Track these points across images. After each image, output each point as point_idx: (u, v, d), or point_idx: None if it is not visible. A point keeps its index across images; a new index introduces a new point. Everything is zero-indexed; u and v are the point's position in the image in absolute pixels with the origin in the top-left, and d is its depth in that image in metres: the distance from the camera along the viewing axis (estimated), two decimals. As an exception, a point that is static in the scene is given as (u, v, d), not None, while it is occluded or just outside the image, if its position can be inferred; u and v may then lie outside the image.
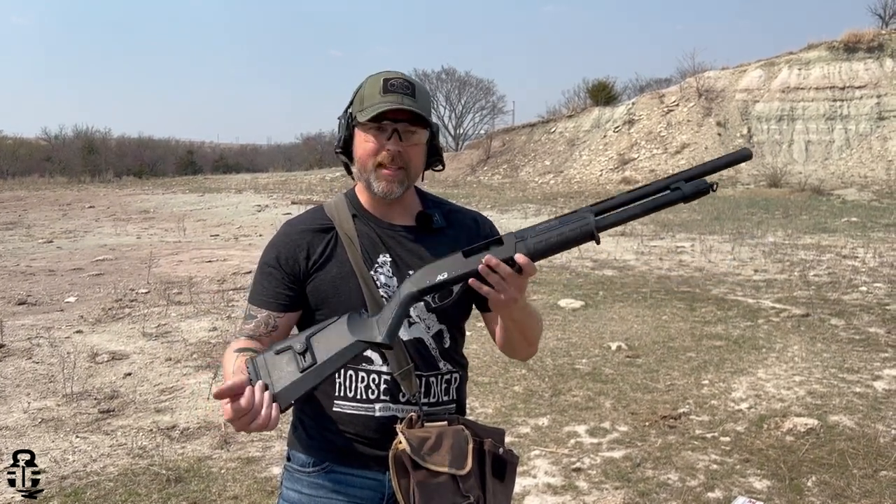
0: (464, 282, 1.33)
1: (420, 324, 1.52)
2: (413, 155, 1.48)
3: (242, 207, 19.85)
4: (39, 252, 12.01)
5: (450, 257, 1.34)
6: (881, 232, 12.43)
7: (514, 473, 1.47)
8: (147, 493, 3.39)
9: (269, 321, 1.50)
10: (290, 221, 1.60)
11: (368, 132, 1.45)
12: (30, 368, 5.37)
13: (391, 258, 1.51)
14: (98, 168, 36.83)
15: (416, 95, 1.46)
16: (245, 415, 1.19)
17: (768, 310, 6.99)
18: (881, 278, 8.36)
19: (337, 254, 1.51)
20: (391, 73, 1.47)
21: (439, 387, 1.52)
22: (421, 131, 1.47)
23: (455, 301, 1.51)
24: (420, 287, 1.33)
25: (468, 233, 1.59)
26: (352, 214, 1.54)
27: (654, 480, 3.51)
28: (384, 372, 1.47)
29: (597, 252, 10.77)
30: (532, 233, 1.31)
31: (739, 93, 25.32)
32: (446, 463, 1.36)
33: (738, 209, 16.03)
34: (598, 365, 5.35)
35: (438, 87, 46.25)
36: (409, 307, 1.34)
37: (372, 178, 1.47)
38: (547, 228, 1.31)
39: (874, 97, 23.10)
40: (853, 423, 4.20)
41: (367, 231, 1.53)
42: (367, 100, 1.45)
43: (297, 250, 1.51)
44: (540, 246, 1.30)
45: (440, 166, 1.61)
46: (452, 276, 1.32)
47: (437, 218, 1.56)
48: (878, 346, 5.71)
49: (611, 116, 28.42)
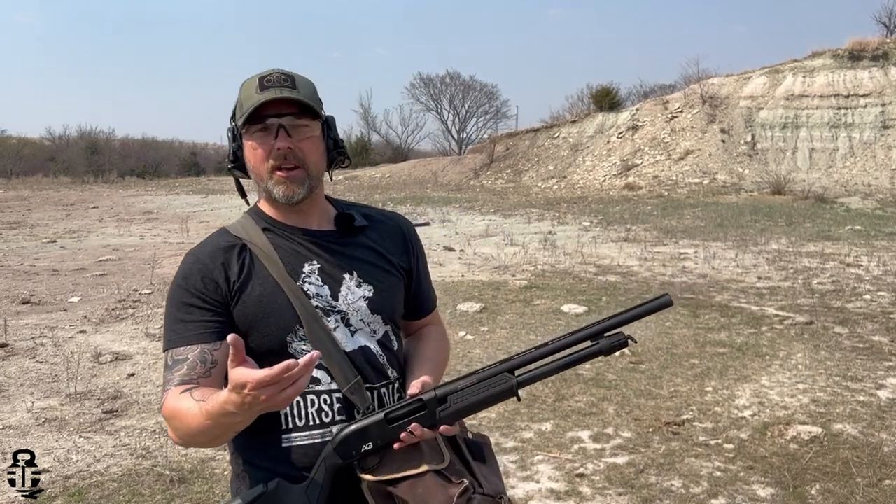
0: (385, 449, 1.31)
1: (364, 329, 1.42)
2: (307, 149, 1.36)
3: (245, 209, 19.86)
4: (43, 252, 12.03)
5: (372, 421, 1.29)
6: (885, 240, 12.41)
7: (492, 453, 1.42)
8: (151, 494, 3.39)
9: (206, 357, 1.31)
10: (193, 249, 1.43)
11: (254, 137, 1.34)
12: (33, 368, 5.38)
13: (319, 265, 1.40)
14: (101, 168, 36.96)
15: (298, 87, 1.35)
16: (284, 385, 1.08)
17: (772, 317, 6.98)
18: (885, 287, 8.35)
19: (256, 270, 1.37)
20: (266, 70, 1.37)
21: (392, 396, 1.42)
22: (311, 123, 1.36)
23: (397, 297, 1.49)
24: (345, 459, 1.29)
25: (394, 238, 1.52)
26: (263, 228, 1.42)
27: (658, 487, 3.51)
28: (334, 390, 1.35)
29: (600, 258, 10.77)
30: (456, 397, 1.30)
31: (743, 100, 25.32)
32: (424, 461, 1.28)
33: (742, 216, 16.02)
34: (602, 370, 5.34)
35: (442, 90, 46.40)
36: (333, 477, 1.29)
37: (270, 185, 1.36)
38: (469, 392, 1.30)
39: (878, 105, 23.08)
40: (857, 431, 4.19)
41: (284, 242, 1.41)
42: (245, 103, 1.34)
43: (213, 273, 1.36)
44: (461, 412, 1.31)
45: (346, 161, 1.47)
46: (378, 446, 1.29)
47: (358, 217, 1.47)
48: (882, 355, 5.70)
49: (614, 122, 28.42)
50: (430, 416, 1.29)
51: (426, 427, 1.28)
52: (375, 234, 1.49)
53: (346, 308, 1.40)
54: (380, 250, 1.48)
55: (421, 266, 1.58)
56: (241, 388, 1.07)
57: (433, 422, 1.29)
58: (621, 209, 18.48)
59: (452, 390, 1.31)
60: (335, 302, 1.40)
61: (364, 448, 1.29)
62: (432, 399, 1.30)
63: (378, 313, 1.43)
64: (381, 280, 1.45)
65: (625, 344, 1.29)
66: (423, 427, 1.27)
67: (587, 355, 1.30)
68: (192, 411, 1.21)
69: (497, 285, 8.54)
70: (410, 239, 1.56)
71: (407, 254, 1.54)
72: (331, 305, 1.39)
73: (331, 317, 1.38)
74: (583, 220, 16.42)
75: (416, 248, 1.56)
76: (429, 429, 1.28)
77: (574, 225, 15.53)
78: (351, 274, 1.42)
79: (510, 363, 1.31)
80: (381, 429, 1.29)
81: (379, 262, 1.47)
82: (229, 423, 1.17)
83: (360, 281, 1.43)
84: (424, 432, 1.27)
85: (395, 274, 1.49)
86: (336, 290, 1.40)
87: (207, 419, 1.18)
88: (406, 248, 1.54)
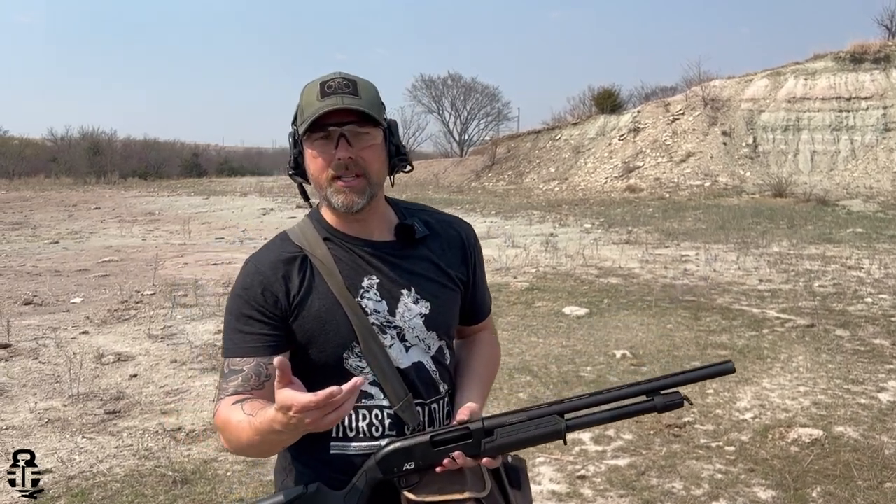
0: (427, 471, 1.31)
1: (419, 345, 1.41)
2: (369, 159, 1.33)
3: (247, 210, 19.90)
4: (45, 252, 12.06)
5: (418, 442, 1.30)
6: (886, 243, 12.40)
7: (527, 479, 1.43)
8: (153, 495, 3.40)
9: (260, 371, 1.32)
10: (254, 256, 1.41)
11: (315, 144, 1.32)
12: (36, 368, 5.40)
13: (378, 280, 1.38)
14: (103, 169, 36.99)
15: (360, 93, 1.31)
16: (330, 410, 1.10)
17: (773, 320, 6.99)
18: (886, 289, 8.35)
19: (316, 285, 1.35)
20: (328, 75, 1.34)
21: (442, 412, 1.43)
22: (373, 130, 1.33)
23: (453, 311, 1.48)
24: (386, 475, 1.31)
25: (454, 248, 1.49)
26: (323, 238, 1.39)
27: (659, 489, 3.51)
28: (386, 406, 1.36)
29: (601, 260, 10.78)
30: (502, 432, 1.30)
31: (745, 102, 25.32)
32: (465, 488, 1.29)
33: (743, 218, 16.01)
34: (603, 373, 5.35)
35: (444, 92, 46.42)
36: (372, 489, 1.31)
37: (329, 194, 1.34)
38: (517, 429, 1.30)
39: (880, 108, 23.07)
40: (858, 434, 4.19)
41: (344, 254, 1.38)
42: (306, 109, 1.31)
43: (274, 287, 1.35)
44: (506, 446, 1.31)
45: (408, 167, 1.44)
46: (420, 467, 1.30)
47: (419, 227, 1.43)
48: (883, 358, 5.71)
49: (616, 124, 28.42)
50: (475, 445, 1.29)
51: (469, 456, 1.28)
52: (436, 245, 1.46)
53: (402, 324, 1.39)
54: (439, 263, 1.45)
55: (479, 274, 1.56)
56: (287, 410, 1.09)
57: (477, 452, 1.29)
58: (623, 211, 18.49)
59: (500, 424, 1.30)
60: (392, 318, 1.38)
61: (406, 467, 1.30)
62: (479, 430, 1.30)
63: (434, 330, 1.42)
64: (439, 296, 1.43)
65: (680, 404, 1.28)
66: (466, 456, 1.28)
67: (640, 410, 1.30)
68: (241, 425, 1.23)
69: (498, 287, 8.55)
70: (470, 247, 1.52)
71: (466, 263, 1.51)
72: (388, 321, 1.38)
73: (387, 333, 1.38)
74: (584, 222, 16.42)
75: (475, 256, 1.54)
76: (471, 458, 1.29)
77: (575, 227, 15.53)
78: (409, 290, 1.40)
79: (561, 406, 1.31)
80: (425, 451, 1.29)
81: (438, 277, 1.44)
82: (276, 440, 1.20)
83: (417, 297, 1.40)
84: (467, 461, 1.28)
85: (453, 288, 1.47)
86: (394, 307, 1.38)
87: (256, 434, 1.20)
88: (465, 257, 1.51)
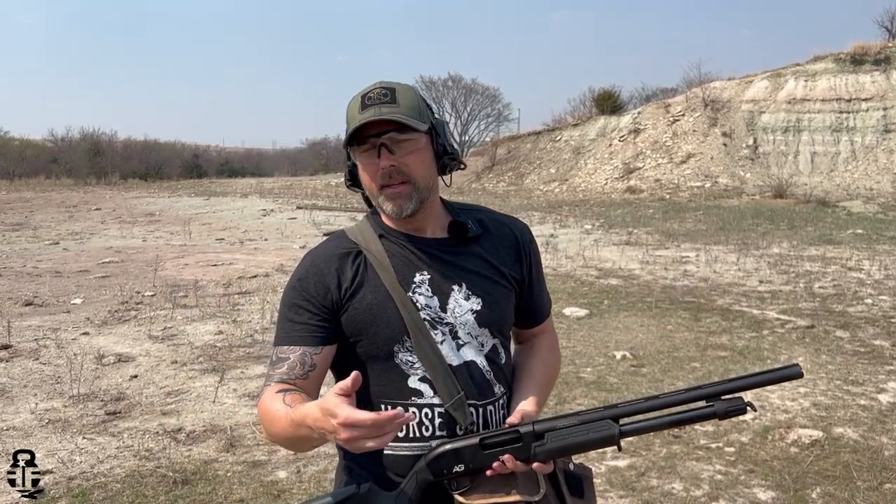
0: (477, 474, 1.31)
1: (472, 342, 1.40)
2: (413, 163, 1.34)
3: (248, 211, 19.91)
4: (46, 253, 12.06)
5: (468, 444, 1.29)
6: (887, 244, 12.41)
7: (592, 487, 1.38)
8: (154, 496, 3.40)
9: (305, 360, 1.35)
10: (312, 251, 1.46)
11: (361, 157, 1.36)
12: (37, 369, 5.40)
13: (429, 275, 1.39)
14: (104, 170, 36.98)
15: (398, 100, 1.33)
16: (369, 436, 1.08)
17: (773, 321, 6.99)
18: (886, 291, 8.35)
19: (369, 278, 1.38)
20: (369, 86, 1.36)
21: (497, 415, 1.39)
22: (414, 136, 1.34)
23: (506, 309, 1.46)
24: (437, 477, 1.30)
25: (507, 246, 1.49)
26: (378, 235, 1.42)
27: (659, 490, 3.52)
28: (437, 404, 1.35)
29: (602, 261, 10.78)
30: (553, 436, 1.27)
31: (745, 103, 25.33)
32: (515, 490, 1.26)
33: (744, 220, 16.02)
34: (603, 374, 5.35)
35: (444, 93, 46.32)
36: (423, 489, 1.30)
37: (380, 202, 1.37)
38: (568, 433, 1.27)
39: (880, 109, 23.09)
40: (858, 435, 4.20)
41: (398, 250, 1.41)
42: (350, 123, 1.34)
43: (327, 279, 1.38)
44: (557, 450, 1.28)
45: (460, 165, 1.46)
46: (469, 470, 1.29)
47: (472, 226, 1.44)
48: (883, 359, 5.71)
49: (616, 125, 28.44)
50: (525, 449, 1.27)
51: (520, 460, 1.27)
52: (489, 243, 1.46)
53: (453, 320, 1.39)
54: (492, 260, 1.45)
55: (535, 274, 1.54)
56: (331, 416, 1.09)
57: (527, 456, 1.27)
58: (623, 212, 18.50)
59: (551, 428, 1.28)
60: (443, 314, 1.38)
61: (456, 469, 1.29)
62: (529, 433, 1.28)
63: (486, 326, 1.41)
64: (491, 292, 1.43)
65: (743, 411, 1.23)
66: (516, 459, 1.26)
67: (700, 416, 1.25)
68: (279, 414, 1.24)
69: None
70: (525, 246, 1.52)
71: (520, 262, 1.50)
72: (439, 317, 1.38)
73: (438, 329, 1.37)
74: (584, 223, 16.43)
75: (531, 255, 1.53)
76: (522, 461, 1.27)
77: (576, 228, 15.54)
78: (460, 285, 1.40)
79: (615, 410, 1.27)
80: (475, 453, 1.28)
81: (490, 274, 1.44)
82: (306, 437, 1.20)
83: (468, 293, 1.40)
84: (517, 465, 1.27)
85: (506, 285, 1.46)
86: (444, 302, 1.39)
87: (290, 426, 1.22)
88: (519, 255, 1.50)
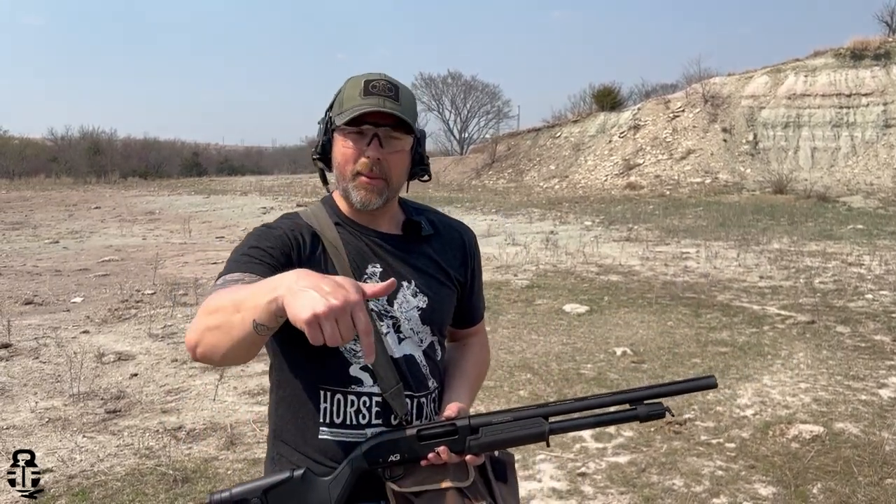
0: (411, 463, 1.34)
1: (412, 338, 1.43)
2: (394, 164, 1.38)
3: (248, 209, 19.89)
4: (46, 252, 12.06)
5: (404, 436, 1.33)
6: (887, 239, 12.40)
7: (514, 472, 1.45)
8: (154, 493, 3.40)
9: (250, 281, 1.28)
10: (271, 223, 1.44)
11: (347, 137, 1.36)
12: (37, 368, 5.40)
13: (381, 268, 1.41)
14: (103, 169, 36.97)
15: (400, 99, 1.36)
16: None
17: (774, 316, 6.99)
18: (887, 286, 8.34)
19: (324, 260, 1.38)
20: (373, 74, 1.38)
21: (429, 407, 1.44)
22: (405, 137, 1.38)
23: (448, 309, 1.51)
24: (372, 465, 1.33)
25: (455, 249, 1.54)
26: (334, 222, 1.43)
27: (660, 486, 3.51)
28: (375, 393, 1.37)
29: (602, 257, 10.77)
30: (487, 431, 1.33)
31: (745, 99, 25.30)
32: (448, 478, 1.31)
33: (744, 215, 16.01)
34: (604, 370, 5.35)
35: (444, 90, 46.35)
36: (356, 478, 1.33)
37: (350, 187, 1.38)
38: (501, 428, 1.33)
39: (881, 104, 23.05)
40: (859, 430, 4.19)
41: (352, 240, 1.42)
42: (346, 102, 1.36)
43: (292, 238, 1.37)
44: (490, 447, 1.34)
45: (426, 177, 1.50)
46: (405, 459, 1.33)
47: (425, 225, 1.49)
48: (884, 354, 5.71)
49: (616, 122, 28.40)
50: (461, 442, 1.33)
51: (454, 452, 1.32)
52: (438, 245, 1.51)
53: (399, 315, 1.41)
54: (440, 261, 1.50)
55: (476, 279, 1.60)
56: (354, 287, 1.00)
57: (462, 448, 1.32)
58: (623, 209, 18.48)
59: (486, 423, 1.34)
60: (390, 308, 1.41)
61: (391, 458, 1.33)
62: (465, 427, 1.33)
63: (428, 324, 1.44)
64: (437, 292, 1.47)
65: (662, 415, 1.32)
66: (450, 451, 1.31)
67: (623, 418, 1.34)
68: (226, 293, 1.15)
69: (499, 285, 8.55)
70: (471, 251, 1.57)
71: (465, 266, 1.56)
72: (385, 310, 1.40)
73: (384, 321, 1.40)
74: (584, 219, 16.42)
75: (474, 261, 1.59)
76: (456, 454, 1.32)
77: (576, 224, 15.53)
78: (409, 282, 1.43)
79: (546, 409, 1.34)
80: (411, 444, 1.33)
81: (437, 274, 1.48)
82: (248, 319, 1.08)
83: (416, 290, 1.43)
84: (451, 457, 1.31)
85: (450, 286, 1.51)
86: (393, 297, 1.41)
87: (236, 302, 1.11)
88: (465, 259, 1.56)
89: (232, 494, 1.28)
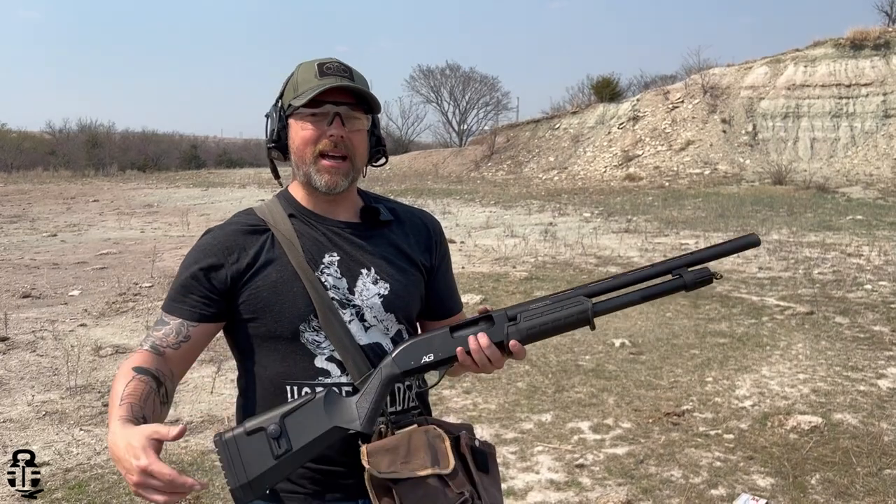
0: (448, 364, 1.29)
1: (378, 325, 1.40)
2: (357, 142, 1.37)
3: (246, 202, 19.84)
4: (43, 245, 12.03)
5: (436, 334, 1.28)
6: (886, 230, 12.38)
7: (496, 463, 1.42)
8: (150, 487, 3.39)
9: (182, 330, 1.36)
10: (216, 226, 1.45)
11: (306, 119, 1.35)
12: (34, 361, 5.39)
13: (338, 257, 1.40)
14: (102, 162, 36.85)
15: (355, 79, 1.37)
16: None
17: (772, 307, 6.98)
18: (886, 276, 8.33)
19: (275, 256, 1.37)
20: (325, 58, 1.38)
21: (403, 393, 1.41)
22: (364, 117, 1.38)
23: (413, 296, 1.47)
24: (404, 369, 1.28)
25: (418, 234, 1.50)
26: (288, 214, 1.42)
27: (658, 477, 3.51)
28: (344, 383, 1.34)
29: (601, 249, 10.76)
30: (525, 315, 1.27)
31: (744, 90, 25.23)
32: (427, 464, 1.27)
33: (743, 206, 15.98)
34: (602, 361, 5.34)
35: (443, 82, 46.12)
36: (389, 389, 1.29)
37: (312, 171, 1.36)
38: (540, 311, 1.27)
39: (880, 95, 22.99)
40: (857, 421, 4.19)
41: (307, 230, 1.41)
42: (301, 85, 1.35)
43: (225, 255, 1.37)
44: (533, 331, 1.27)
45: (383, 159, 1.49)
46: (439, 358, 1.28)
47: (384, 212, 1.46)
48: (883, 345, 5.70)
49: (615, 113, 28.33)
50: (499, 330, 1.26)
51: (494, 343, 1.26)
52: (399, 230, 1.48)
53: (361, 303, 1.39)
54: (402, 246, 1.47)
55: (444, 266, 1.56)
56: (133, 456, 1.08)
57: (501, 339, 1.26)
58: (622, 200, 18.46)
59: (523, 309, 1.27)
60: (351, 296, 1.39)
61: (425, 359, 1.28)
62: (501, 315, 1.28)
63: (392, 312, 1.41)
64: (398, 279, 1.43)
65: (709, 280, 1.24)
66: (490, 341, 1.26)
67: (670, 288, 1.26)
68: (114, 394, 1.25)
69: (497, 277, 8.54)
70: (436, 237, 1.54)
71: (430, 251, 1.52)
72: (347, 299, 1.38)
73: (346, 310, 1.38)
74: (583, 211, 16.40)
75: (440, 247, 1.55)
76: (497, 346, 1.26)
77: (575, 216, 15.51)
78: (368, 269, 1.41)
79: (587, 289, 1.28)
80: (444, 340, 1.28)
81: (398, 260, 1.45)
82: None
83: (376, 277, 1.41)
84: (491, 346, 1.27)
85: (414, 273, 1.47)
86: (353, 284, 1.39)
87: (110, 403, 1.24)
88: (429, 245, 1.52)
89: (246, 428, 1.21)
